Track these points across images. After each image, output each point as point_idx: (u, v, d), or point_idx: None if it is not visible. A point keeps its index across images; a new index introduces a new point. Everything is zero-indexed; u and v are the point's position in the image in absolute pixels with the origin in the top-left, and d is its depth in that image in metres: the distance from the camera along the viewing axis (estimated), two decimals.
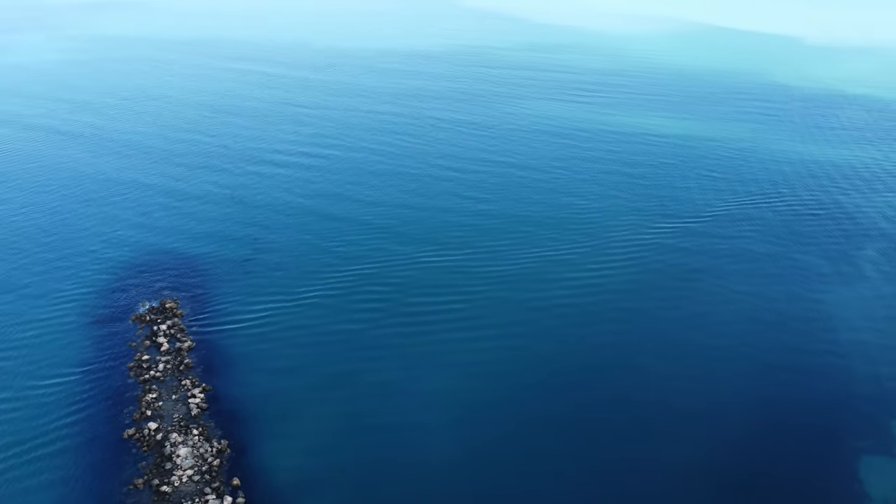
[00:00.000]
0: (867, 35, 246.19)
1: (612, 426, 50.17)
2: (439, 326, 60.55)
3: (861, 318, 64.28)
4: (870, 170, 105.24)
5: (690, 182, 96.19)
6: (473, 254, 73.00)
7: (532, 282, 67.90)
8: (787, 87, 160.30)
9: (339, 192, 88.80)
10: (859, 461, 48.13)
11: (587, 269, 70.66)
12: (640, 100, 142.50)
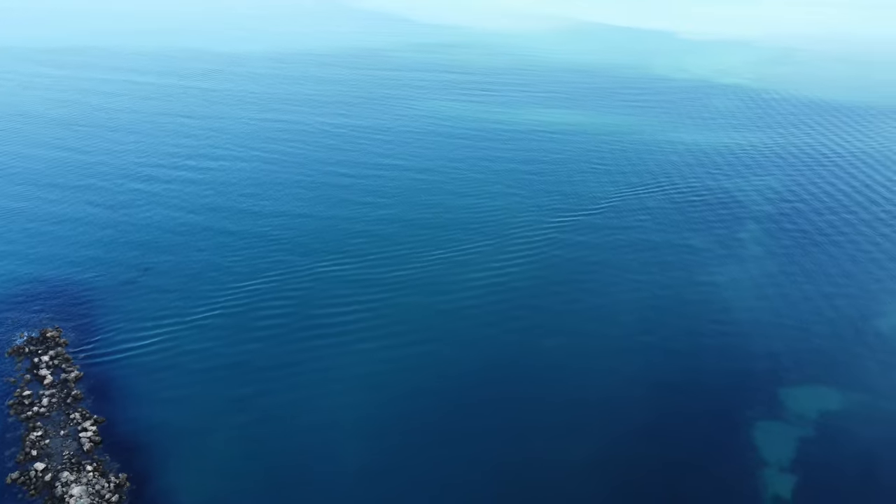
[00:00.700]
0: (736, 29, 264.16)
1: (521, 424, 50.24)
2: (343, 339, 58.82)
3: (750, 296, 67.87)
4: (746, 153, 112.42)
5: (584, 175, 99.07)
6: (375, 261, 71.63)
7: (435, 285, 67.37)
8: (667, 78, 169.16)
9: (231, 206, 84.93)
10: (754, 430, 50.70)
11: (490, 268, 70.87)
12: (531, 96, 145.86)
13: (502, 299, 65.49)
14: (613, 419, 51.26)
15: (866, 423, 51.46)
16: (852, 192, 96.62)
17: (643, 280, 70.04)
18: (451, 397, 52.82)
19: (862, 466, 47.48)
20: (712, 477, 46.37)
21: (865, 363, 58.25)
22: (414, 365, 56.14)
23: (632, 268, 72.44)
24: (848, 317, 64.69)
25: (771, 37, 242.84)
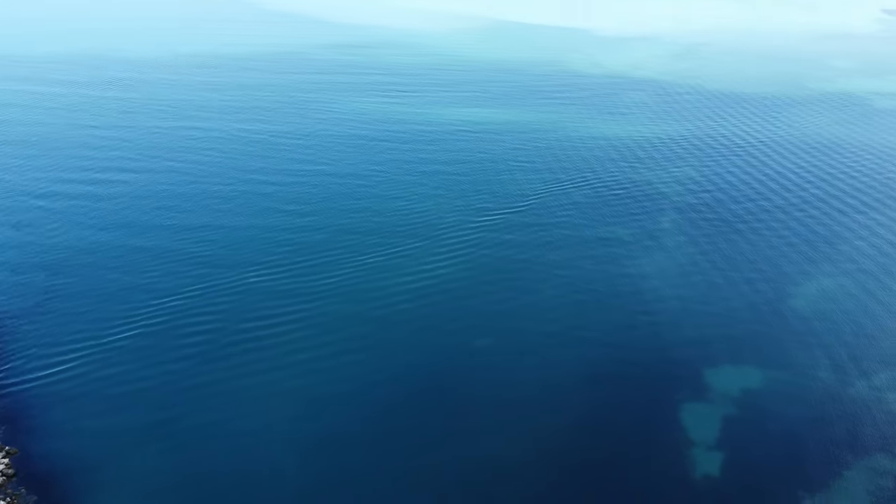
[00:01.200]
0: (645, 25, 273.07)
1: (458, 427, 50.06)
2: (272, 353, 57.04)
3: (675, 284, 70.14)
4: (663, 145, 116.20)
5: (510, 173, 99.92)
6: (301, 270, 69.79)
7: (365, 291, 66.33)
8: (584, 74, 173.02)
9: (145, 221, 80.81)
10: (683, 413, 52.50)
11: (419, 271, 70.30)
12: (453, 96, 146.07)
13: (433, 302, 65.18)
14: (549, 414, 51.97)
15: (786, 399, 54.13)
16: (765, 178, 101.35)
17: (572, 275, 71.14)
18: (385, 405, 52.05)
19: (783, 440, 49.95)
20: (645, 462, 47.72)
21: (784, 342, 61.20)
22: (346, 375, 55.02)
23: (560, 263, 73.48)
24: (767, 299, 67.76)
25: (677, 32, 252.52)
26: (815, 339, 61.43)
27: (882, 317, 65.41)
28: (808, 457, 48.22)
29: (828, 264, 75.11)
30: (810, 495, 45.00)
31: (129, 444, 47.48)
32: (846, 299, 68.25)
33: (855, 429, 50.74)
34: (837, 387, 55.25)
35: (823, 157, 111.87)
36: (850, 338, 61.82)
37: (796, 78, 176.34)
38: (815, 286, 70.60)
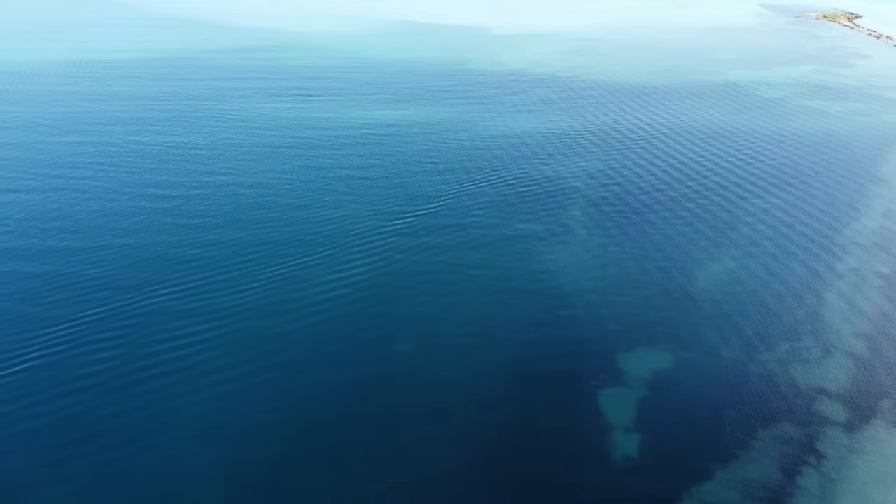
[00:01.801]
0: (543, 22, 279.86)
1: (381, 440, 49.19)
2: (182, 376, 54.36)
3: (585, 276, 71.77)
4: (566, 140, 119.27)
5: (419, 175, 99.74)
6: (209, 287, 66.92)
7: (278, 304, 64.40)
8: (486, 72, 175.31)
9: (33, 244, 75.25)
10: (600, 399, 53.95)
11: (333, 280, 68.87)
12: (357, 98, 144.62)
13: (349, 311, 63.99)
14: (473, 413, 52.07)
15: (697, 377, 56.54)
16: (669, 168, 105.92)
17: (489, 274, 71.63)
18: (305, 423, 50.50)
19: (695, 416, 52.17)
20: (569, 451, 48.78)
21: (694, 324, 63.91)
22: (263, 395, 53.06)
23: (477, 263, 73.85)
24: (677, 284, 70.63)
25: (573, 29, 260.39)
26: (724, 319, 64.47)
27: (783, 294, 69.38)
28: (719, 430, 50.56)
29: (732, 247, 79.13)
30: (723, 466, 47.14)
31: (26, 488, 44.02)
32: (750, 279, 72.07)
33: (761, 401, 53.59)
34: (744, 362, 58.18)
35: (720, 145, 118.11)
36: (756, 315, 65.26)
37: (687, 70, 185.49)
38: (721, 269, 74.20)
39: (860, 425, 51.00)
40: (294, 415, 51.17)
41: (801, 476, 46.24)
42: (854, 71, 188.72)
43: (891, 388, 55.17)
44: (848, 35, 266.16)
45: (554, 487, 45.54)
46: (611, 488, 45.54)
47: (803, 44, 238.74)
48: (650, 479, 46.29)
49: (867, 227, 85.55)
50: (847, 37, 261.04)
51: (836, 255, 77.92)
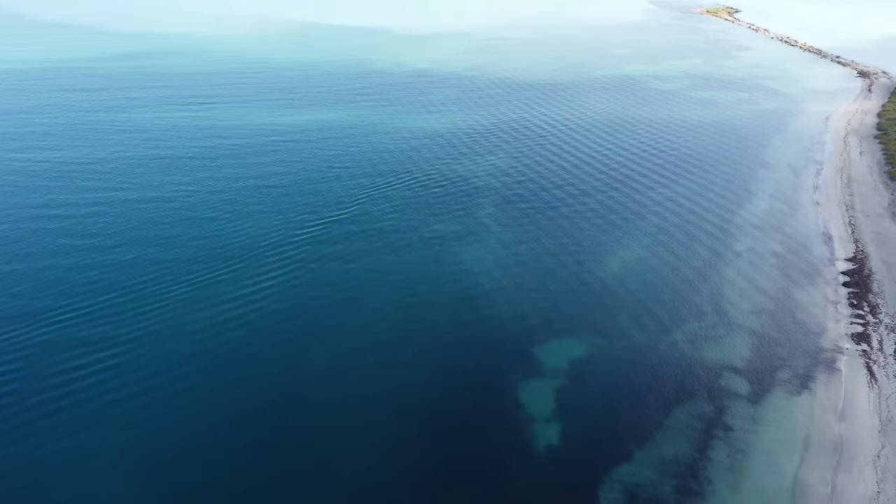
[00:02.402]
0: (446, 22, 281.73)
1: (302, 458, 48.01)
2: (85, 409, 50.90)
3: (499, 272, 72.59)
4: (473, 138, 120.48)
5: (328, 180, 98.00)
6: (109, 312, 63.04)
7: (186, 324, 61.43)
8: (391, 73, 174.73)
9: None
10: (520, 391, 54.76)
11: (241, 296, 66.26)
12: (259, 103, 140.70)
13: (262, 327, 61.83)
14: (395, 422, 51.50)
15: (610, 363, 58.23)
16: (577, 161, 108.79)
17: (402, 278, 71.02)
18: (224, 448, 48.43)
19: (612, 401, 53.72)
20: (491, 445, 49.29)
21: (605, 311, 65.76)
22: (174, 421, 50.53)
23: (389, 268, 73.11)
24: (588, 275, 72.49)
25: (475, 28, 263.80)
26: (637, 305, 66.72)
27: (690, 277, 72.49)
28: (635, 412, 52.33)
29: (641, 236, 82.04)
30: (640, 447, 48.81)
31: None
32: (660, 265, 74.90)
33: (674, 380, 55.81)
34: (657, 345, 60.50)
35: (623, 138, 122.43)
36: (666, 299, 67.91)
37: (586, 66, 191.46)
38: (633, 257, 76.79)
39: (762, 396, 54.03)
40: (210, 440, 48.98)
41: (711, 449, 48.51)
42: (738, 62, 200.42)
43: (788, 359, 58.73)
44: (730, 28, 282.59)
45: (479, 484, 45.78)
46: (534, 478, 46.25)
47: (690, 38, 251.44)
48: (571, 465, 47.34)
49: (759, 209, 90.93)
50: (729, 30, 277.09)
51: (735, 236, 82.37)
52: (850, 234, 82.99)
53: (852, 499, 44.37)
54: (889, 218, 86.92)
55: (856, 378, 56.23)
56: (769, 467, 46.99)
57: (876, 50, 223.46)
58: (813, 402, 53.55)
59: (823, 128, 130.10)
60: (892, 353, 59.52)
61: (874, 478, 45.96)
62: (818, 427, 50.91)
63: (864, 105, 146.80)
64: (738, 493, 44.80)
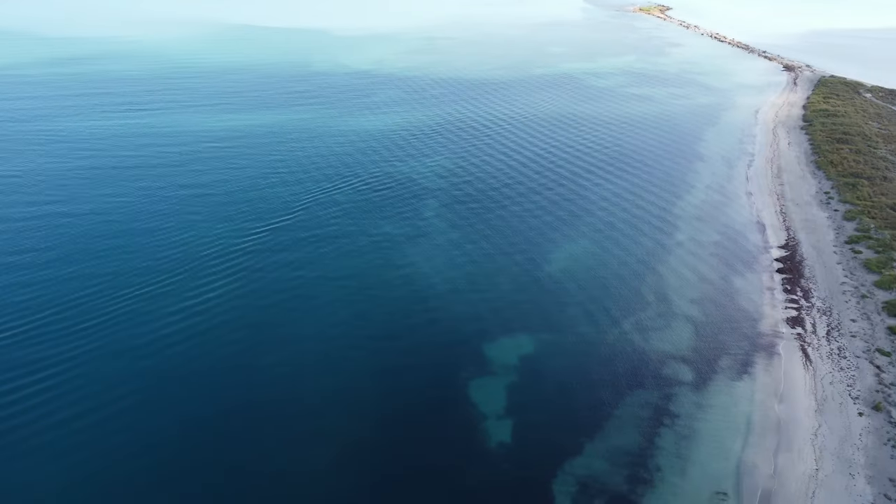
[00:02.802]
0: (384, 22, 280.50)
1: (254, 472, 47.16)
2: (21, 434, 48.80)
3: (443, 276, 72.64)
4: (420, 138, 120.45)
5: (272, 185, 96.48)
6: (43, 332, 60.42)
7: (125, 341, 59.32)
8: (330, 74, 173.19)
9: None
10: (470, 389, 55.03)
11: (185, 308, 64.53)
12: (197, 108, 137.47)
13: (208, 339, 60.27)
14: (349, 430, 50.97)
15: (560, 357, 59.06)
16: (522, 159, 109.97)
17: (350, 284, 70.28)
18: (170, 467, 47.02)
19: (561, 394, 54.43)
20: (445, 444, 49.40)
21: (555, 307, 66.65)
22: (118, 443, 48.72)
23: (336, 273, 72.34)
24: (538, 271, 73.36)
25: (414, 28, 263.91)
26: (586, 299, 67.81)
27: (636, 269, 74.07)
28: (586, 405, 53.23)
29: (588, 230, 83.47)
30: (590, 439, 49.69)
31: None
32: (608, 259, 76.33)
33: (621, 371, 57.00)
34: (605, 337, 61.63)
35: (565, 135, 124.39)
36: (614, 291, 69.28)
37: (526, 64, 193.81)
38: (581, 251, 78.05)
39: (706, 383, 55.77)
40: (157, 461, 47.49)
41: (659, 437, 49.80)
42: (671, 59, 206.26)
43: (729, 345, 60.77)
44: (662, 26, 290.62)
45: (434, 485, 45.85)
46: (489, 476, 46.56)
47: (625, 35, 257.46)
48: (525, 461, 47.84)
49: (698, 200, 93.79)
50: (662, 27, 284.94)
51: (676, 227, 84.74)
52: (781, 222, 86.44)
53: (793, 477, 46.24)
54: (817, 205, 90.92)
55: (792, 361, 58.60)
56: (714, 451, 48.55)
57: (798, 44, 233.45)
58: (754, 385, 55.55)
59: (754, 120, 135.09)
60: (824, 335, 62.28)
61: (812, 456, 48.00)
62: (759, 410, 52.85)
63: (790, 98, 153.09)
64: (686, 479, 46.13)
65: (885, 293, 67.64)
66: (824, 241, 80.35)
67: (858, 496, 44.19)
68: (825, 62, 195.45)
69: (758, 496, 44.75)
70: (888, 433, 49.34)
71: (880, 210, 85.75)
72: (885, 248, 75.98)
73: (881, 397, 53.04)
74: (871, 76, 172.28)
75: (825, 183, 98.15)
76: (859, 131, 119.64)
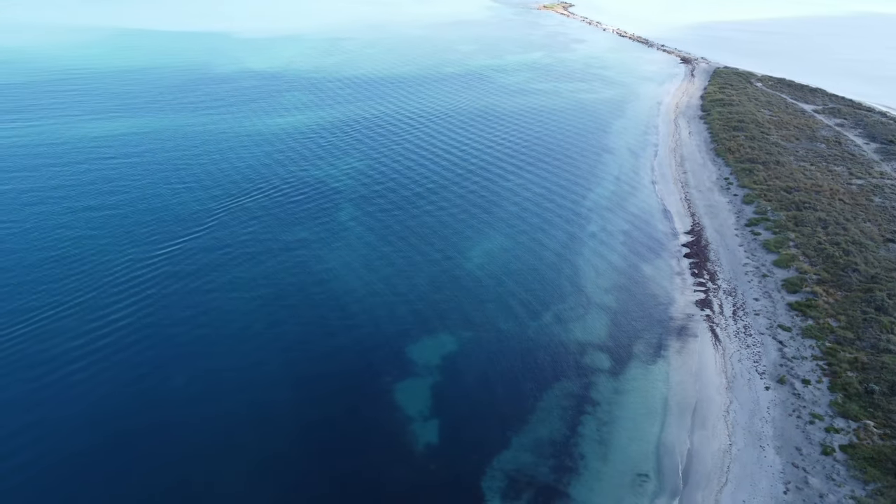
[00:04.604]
0: (288, 25, 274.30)
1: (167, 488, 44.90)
2: None
3: (368, 275, 71.61)
4: (331, 140, 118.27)
5: (179, 196, 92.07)
6: None
7: (25, 370, 55.01)
8: (234, 79, 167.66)
9: None
10: (395, 393, 54.30)
11: (89, 330, 60.62)
12: (89, 116, 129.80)
13: (114, 363, 56.68)
14: (269, 446, 49.06)
15: (482, 353, 59.15)
16: (434, 157, 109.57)
17: (267, 294, 67.89)
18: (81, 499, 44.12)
19: (485, 390, 54.52)
20: (371, 450, 48.46)
21: (474, 302, 66.71)
22: (19, 482, 45.16)
23: (253, 284, 69.71)
24: (455, 268, 73.31)
25: (319, 29, 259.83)
26: (504, 293, 68.33)
27: (550, 260, 75.34)
28: (510, 399, 53.53)
29: (502, 224, 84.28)
30: (516, 433, 49.98)
31: None
32: (522, 252, 77.24)
33: (543, 363, 57.68)
34: (524, 330, 62.22)
35: (475, 131, 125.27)
36: (530, 284, 70.04)
37: (434, 63, 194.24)
38: (496, 246, 78.59)
39: (623, 368, 57.24)
40: (56, 488, 44.40)
41: (581, 425, 50.66)
42: (576, 54, 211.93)
43: (642, 331, 62.64)
44: (566, 22, 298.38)
45: (361, 493, 44.90)
46: (417, 479, 46.03)
47: (531, 32, 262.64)
48: (453, 461, 47.60)
49: (607, 190, 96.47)
50: (566, 24, 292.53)
51: (587, 218, 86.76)
52: (686, 209, 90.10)
53: (709, 454, 48.03)
54: (718, 191, 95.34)
55: (703, 342, 61.01)
56: (634, 435, 49.83)
57: (692, 37, 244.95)
58: (668, 368, 57.44)
59: (656, 112, 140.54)
60: (731, 314, 65.21)
61: (726, 432, 50.04)
62: (674, 391, 54.68)
63: (689, 89, 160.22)
64: (609, 463, 47.10)
65: (783, 271, 71.52)
66: (726, 225, 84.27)
67: (769, 467, 46.35)
68: (718, 54, 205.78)
69: (677, 475, 46.19)
70: (793, 404, 52.06)
71: (775, 193, 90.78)
72: (781, 229, 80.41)
73: (785, 371, 55.94)
74: (760, 66, 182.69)
75: (724, 169, 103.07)
76: (753, 119, 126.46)
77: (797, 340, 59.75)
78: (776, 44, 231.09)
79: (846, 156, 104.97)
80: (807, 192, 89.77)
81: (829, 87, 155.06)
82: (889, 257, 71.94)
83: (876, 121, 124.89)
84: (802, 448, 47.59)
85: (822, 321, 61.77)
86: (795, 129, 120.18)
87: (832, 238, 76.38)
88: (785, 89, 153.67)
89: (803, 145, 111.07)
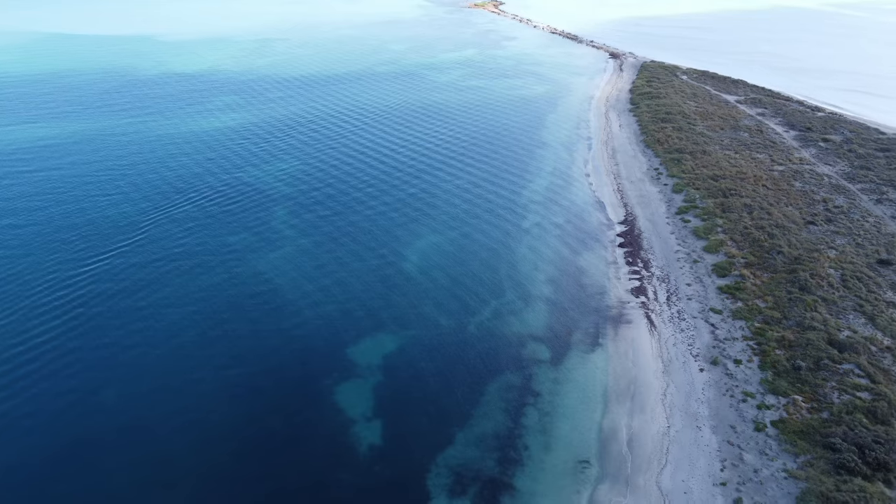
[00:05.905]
0: (214, 26, 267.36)
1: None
2: None
3: (304, 282, 70.23)
4: (259, 146, 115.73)
5: (98, 210, 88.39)
6: None
7: None
8: (160, 83, 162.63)
9: None
10: (337, 396, 53.49)
11: (10, 356, 57.49)
12: (2, 126, 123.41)
13: (36, 393, 53.57)
14: (206, 471, 47.23)
15: (422, 352, 58.78)
16: (368, 158, 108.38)
17: (200, 307, 65.74)
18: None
19: (427, 389, 54.13)
20: (312, 459, 47.41)
21: (410, 304, 66.21)
22: None
23: (186, 297, 67.32)
24: (391, 270, 72.65)
25: (247, 30, 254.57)
26: (441, 292, 68.13)
27: (485, 257, 75.60)
28: (452, 396, 53.32)
29: (436, 225, 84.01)
30: (461, 428, 49.85)
31: None
32: (456, 250, 77.21)
33: (484, 358, 57.73)
34: (463, 327, 62.17)
35: (410, 132, 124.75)
36: (467, 282, 70.02)
37: (367, 63, 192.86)
38: (431, 246, 78.31)
39: (563, 358, 57.87)
40: None
41: (524, 417, 50.93)
42: (508, 51, 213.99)
43: (580, 320, 63.52)
44: (497, 20, 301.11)
45: (305, 501, 43.91)
46: (362, 481, 45.36)
47: (462, 31, 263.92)
48: (398, 461, 47.12)
49: (541, 185, 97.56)
50: (497, 22, 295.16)
51: (522, 214, 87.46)
52: (619, 200, 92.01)
53: (648, 437, 49.01)
54: (648, 181, 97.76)
55: (639, 328, 62.31)
56: (576, 423, 50.40)
57: (620, 33, 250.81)
58: (606, 355, 58.40)
59: (588, 106, 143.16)
60: (665, 300, 66.86)
61: (664, 414, 51.18)
62: (613, 378, 55.61)
63: (618, 83, 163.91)
64: (552, 453, 47.47)
65: (712, 256, 73.82)
66: (658, 214, 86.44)
67: (706, 446, 47.63)
68: (645, 49, 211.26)
69: (619, 459, 46.96)
70: (726, 384, 53.69)
71: (703, 181, 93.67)
72: (709, 216, 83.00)
73: (717, 352, 57.65)
74: (685, 59, 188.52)
75: (654, 160, 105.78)
76: (679, 110, 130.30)
77: (728, 322, 61.71)
78: (699, 38, 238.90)
79: (768, 143, 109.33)
80: (732, 180, 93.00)
81: (749, 78, 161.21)
82: (810, 239, 75.18)
83: (794, 109, 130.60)
84: (736, 426, 49.10)
85: (751, 303, 63.99)
86: (720, 119, 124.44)
87: (757, 223, 79.30)
88: (709, 81, 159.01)
89: (728, 134, 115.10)
